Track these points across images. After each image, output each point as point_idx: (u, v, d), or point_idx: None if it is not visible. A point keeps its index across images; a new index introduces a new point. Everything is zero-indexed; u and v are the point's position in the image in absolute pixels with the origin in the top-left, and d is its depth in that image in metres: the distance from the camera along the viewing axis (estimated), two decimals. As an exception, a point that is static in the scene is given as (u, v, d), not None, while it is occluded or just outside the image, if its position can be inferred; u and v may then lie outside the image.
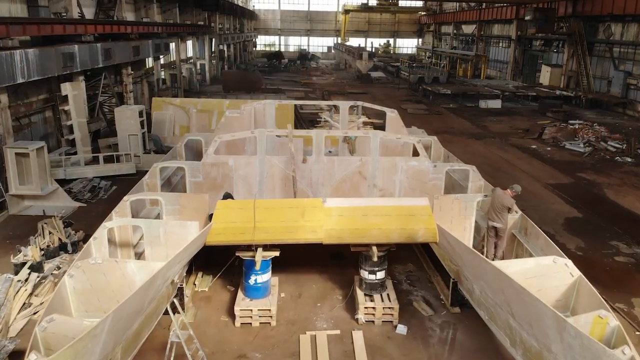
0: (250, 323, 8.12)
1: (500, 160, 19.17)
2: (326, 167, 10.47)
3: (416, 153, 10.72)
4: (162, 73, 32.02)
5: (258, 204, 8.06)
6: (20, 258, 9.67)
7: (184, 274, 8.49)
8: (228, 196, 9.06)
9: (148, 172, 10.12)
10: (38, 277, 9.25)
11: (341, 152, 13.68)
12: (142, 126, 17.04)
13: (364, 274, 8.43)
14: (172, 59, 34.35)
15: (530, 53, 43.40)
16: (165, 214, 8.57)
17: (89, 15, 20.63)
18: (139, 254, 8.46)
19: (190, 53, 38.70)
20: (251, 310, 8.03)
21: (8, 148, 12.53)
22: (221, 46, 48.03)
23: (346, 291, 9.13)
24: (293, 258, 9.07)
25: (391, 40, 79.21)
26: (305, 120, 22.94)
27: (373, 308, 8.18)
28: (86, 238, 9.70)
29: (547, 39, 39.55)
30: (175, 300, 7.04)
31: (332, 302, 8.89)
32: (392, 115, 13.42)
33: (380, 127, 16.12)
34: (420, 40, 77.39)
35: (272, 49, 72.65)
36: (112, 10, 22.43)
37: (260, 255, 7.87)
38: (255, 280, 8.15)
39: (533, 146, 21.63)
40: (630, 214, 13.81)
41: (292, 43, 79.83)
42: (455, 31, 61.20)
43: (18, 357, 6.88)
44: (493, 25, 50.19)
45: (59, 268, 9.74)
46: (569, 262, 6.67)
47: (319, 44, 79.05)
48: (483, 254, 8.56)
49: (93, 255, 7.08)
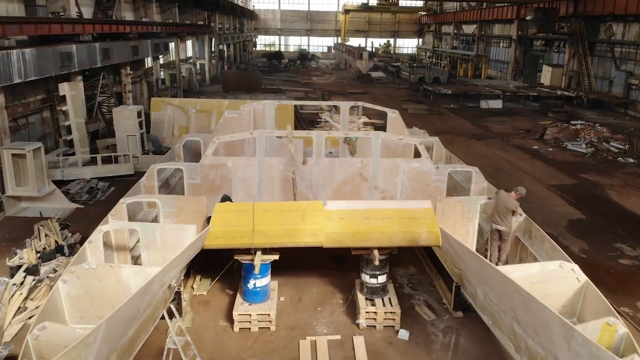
0: (249, 328, 7.97)
1: (502, 161, 19.02)
2: (326, 169, 10.30)
3: (418, 154, 10.56)
4: (162, 73, 31.89)
5: (257, 207, 7.91)
6: (15, 261, 9.53)
7: (182, 278, 8.34)
8: (226, 199, 8.90)
9: (145, 174, 9.96)
10: (34, 281, 9.12)
11: (342, 153, 13.52)
12: (141, 127, 16.89)
13: (365, 278, 8.28)
14: (172, 59, 34.21)
15: (531, 53, 43.26)
16: (162, 217, 8.41)
17: (88, 14, 20.50)
18: (136, 257, 8.31)
19: (189, 53, 38.56)
20: (250, 315, 7.89)
21: (4, 149, 12.39)
22: (221, 46, 47.86)
23: (347, 295, 8.98)
24: (293, 261, 8.92)
25: (391, 40, 79.04)
26: (305, 120, 22.78)
27: (374, 313, 8.03)
28: (83, 240, 9.52)
29: (548, 39, 39.41)
30: (172, 305, 6.88)
31: (333, 307, 8.74)
32: (394, 115, 13.26)
33: (381, 128, 15.98)
34: (420, 40, 77.26)
35: (272, 49, 72.49)
36: (111, 9, 22.29)
37: (259, 259, 7.73)
38: (254, 284, 8.01)
39: (535, 147, 21.48)
40: (634, 216, 13.67)
41: (292, 43, 79.65)
42: (455, 31, 61.06)
43: (12, 364, 6.76)
44: (494, 25, 50.06)
45: (55, 271, 9.61)
46: (576, 267, 6.51)
47: (319, 44, 78.86)
48: (486, 258, 8.41)
49: (88, 259, 6.92)
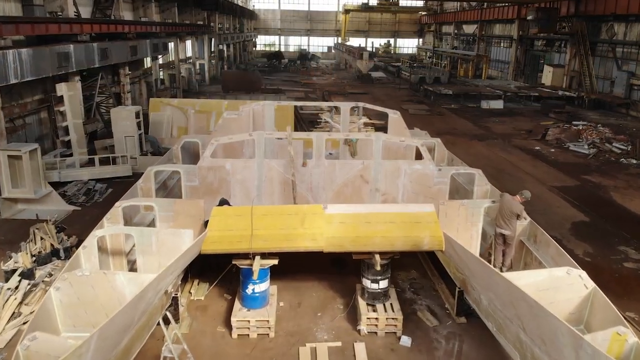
0: (247, 334, 7.80)
1: (503, 162, 18.85)
2: (327, 171, 10.12)
3: (419, 156, 10.38)
4: (161, 73, 31.72)
5: (256, 211, 7.73)
6: (10, 265, 9.37)
7: (179, 283, 8.17)
8: (224, 202, 8.71)
9: (142, 176, 9.77)
10: (29, 285, 8.96)
11: (342, 155, 13.34)
12: (139, 127, 16.72)
13: (366, 283, 8.10)
14: (171, 59, 34.03)
15: (532, 53, 43.07)
16: (159, 221, 8.23)
17: (86, 14, 20.35)
18: (132, 262, 8.13)
19: (189, 53, 38.37)
20: (249, 321, 7.71)
21: (0, 150, 12.21)
22: (221, 46, 47.69)
23: (347, 300, 8.80)
24: (292, 265, 8.74)
25: (392, 40, 78.83)
26: (305, 121, 22.59)
27: (376, 319, 7.84)
28: (79, 243, 9.36)
29: (549, 39, 39.23)
30: (167, 312, 6.70)
31: (333, 312, 8.56)
32: (395, 116, 13.06)
33: (381, 128, 15.80)
34: (420, 40, 77.07)
35: (272, 49, 72.29)
36: (110, 9, 22.13)
37: (258, 264, 7.55)
38: (252, 289, 7.83)
39: (536, 147, 21.30)
40: (637, 218, 13.48)
41: (292, 43, 79.44)
42: (456, 31, 60.87)
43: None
44: (494, 25, 49.86)
45: (51, 275, 9.47)
46: (583, 274, 6.34)
47: (319, 44, 78.64)
48: (490, 263, 8.24)
49: (82, 265, 6.75)
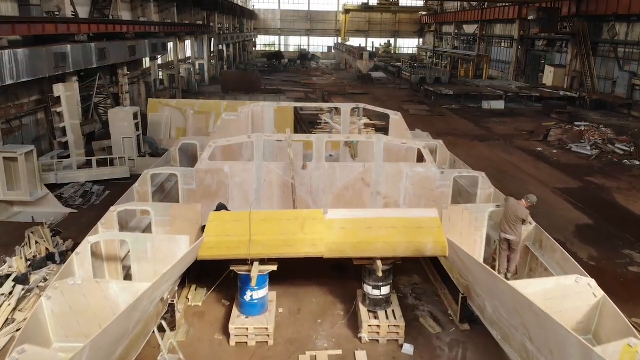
0: (246, 342, 7.60)
1: (505, 163, 18.65)
2: (327, 174, 9.92)
3: (421, 158, 10.19)
4: (160, 73, 31.52)
5: (254, 216, 7.54)
6: (4, 269, 9.19)
7: (176, 289, 7.97)
8: (222, 207, 8.51)
9: (139, 179, 9.57)
10: (23, 290, 8.76)
11: (342, 157, 13.13)
12: (137, 128, 16.52)
13: (368, 289, 7.90)
14: (170, 59, 33.84)
15: (532, 53, 42.87)
16: (155, 225, 8.02)
17: (84, 14, 20.16)
18: (128, 268, 7.93)
19: (188, 53, 38.18)
20: (247, 328, 7.52)
21: (-4, 152, 12.04)
22: (220, 46, 47.49)
23: (348, 306, 8.61)
24: (291, 270, 8.53)
25: (392, 40, 78.65)
26: (305, 121, 22.40)
27: (377, 326, 7.64)
28: (75, 247, 9.18)
29: (551, 39, 39.04)
30: (163, 321, 6.50)
31: (334, 319, 8.36)
32: (396, 118, 12.86)
33: (382, 129, 15.62)
34: (421, 40, 76.88)
35: (272, 49, 72.09)
36: (108, 9, 21.94)
37: (256, 270, 7.35)
38: (251, 296, 7.64)
39: (539, 149, 21.11)
40: (642, 221, 13.32)
41: (292, 43, 79.24)
42: (456, 31, 60.67)
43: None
44: (495, 25, 49.67)
45: (46, 280, 9.25)
46: (592, 282, 6.14)
47: (319, 44, 78.44)
48: (494, 268, 8.04)
49: (75, 272, 6.55)
